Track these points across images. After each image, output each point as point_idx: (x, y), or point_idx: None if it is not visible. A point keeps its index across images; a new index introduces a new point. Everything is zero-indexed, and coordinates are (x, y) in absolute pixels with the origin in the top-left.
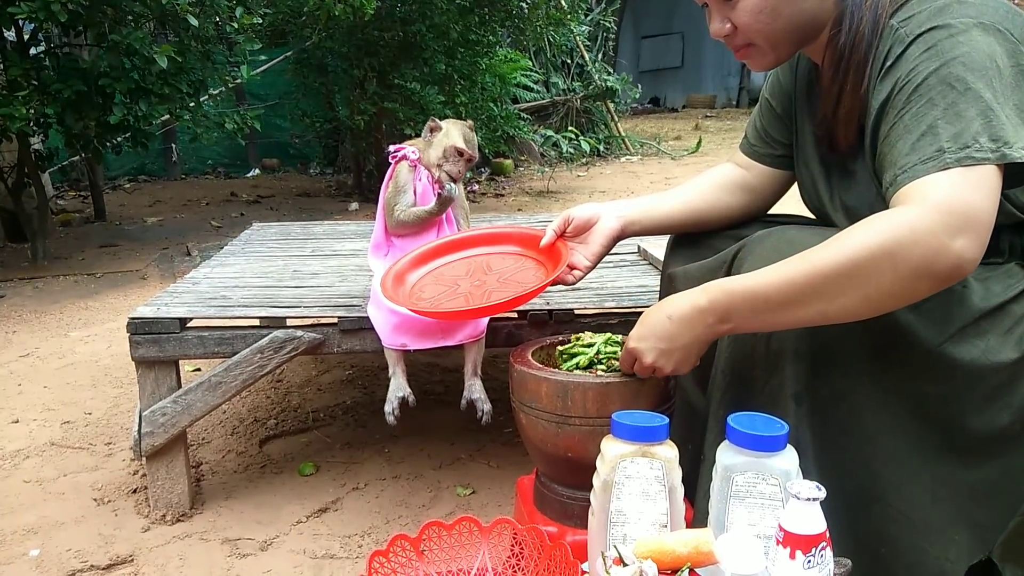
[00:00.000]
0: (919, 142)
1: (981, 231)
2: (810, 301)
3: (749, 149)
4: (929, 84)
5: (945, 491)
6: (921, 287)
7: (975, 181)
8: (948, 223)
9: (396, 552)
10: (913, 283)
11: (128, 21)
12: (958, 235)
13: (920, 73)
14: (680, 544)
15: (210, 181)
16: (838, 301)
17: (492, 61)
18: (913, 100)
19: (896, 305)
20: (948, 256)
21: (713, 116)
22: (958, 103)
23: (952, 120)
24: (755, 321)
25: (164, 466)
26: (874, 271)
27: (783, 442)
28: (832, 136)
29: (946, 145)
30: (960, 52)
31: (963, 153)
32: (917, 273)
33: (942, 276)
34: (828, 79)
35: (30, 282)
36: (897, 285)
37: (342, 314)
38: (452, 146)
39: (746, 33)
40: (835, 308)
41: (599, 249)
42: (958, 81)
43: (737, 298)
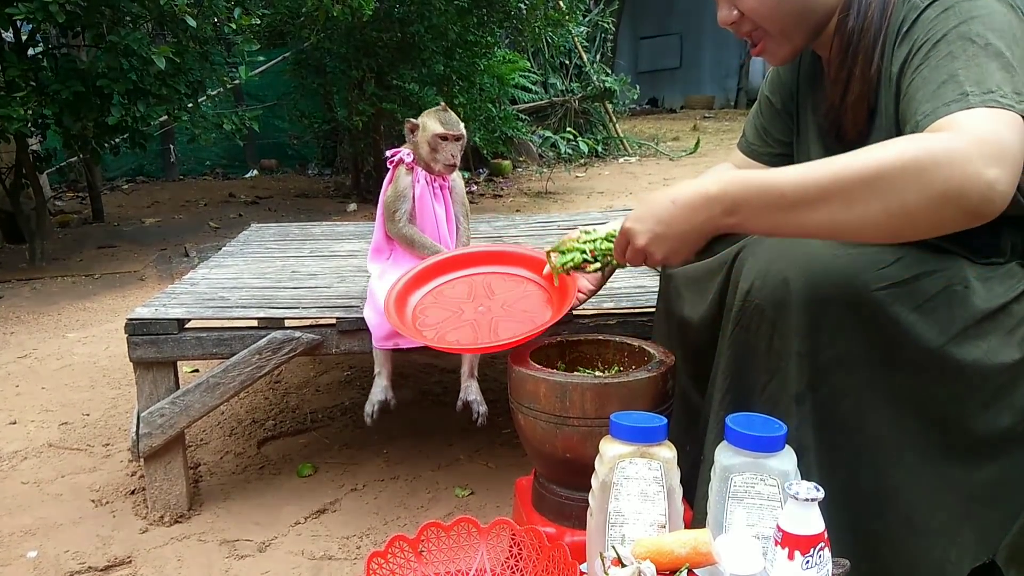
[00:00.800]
0: (940, 89)
1: (1015, 167)
2: (828, 203)
3: (748, 148)
4: (948, 39)
5: (947, 492)
6: (946, 213)
7: (1005, 121)
8: (983, 151)
9: (394, 553)
10: (939, 206)
11: (126, 22)
12: (992, 164)
13: (938, 31)
14: (679, 545)
15: (208, 182)
16: (857, 209)
17: (490, 62)
18: (932, 55)
19: (915, 230)
20: (980, 183)
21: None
22: (979, 56)
23: (974, 70)
24: (764, 219)
25: (162, 467)
26: (901, 183)
27: (781, 442)
28: (839, 125)
29: (969, 89)
30: (979, 13)
31: (988, 97)
32: (946, 195)
33: (971, 205)
34: (836, 65)
35: (28, 283)
36: (922, 204)
37: (340, 315)
38: (433, 135)
39: (753, 18)
40: (852, 217)
41: (601, 278)
42: (978, 36)
43: (752, 188)
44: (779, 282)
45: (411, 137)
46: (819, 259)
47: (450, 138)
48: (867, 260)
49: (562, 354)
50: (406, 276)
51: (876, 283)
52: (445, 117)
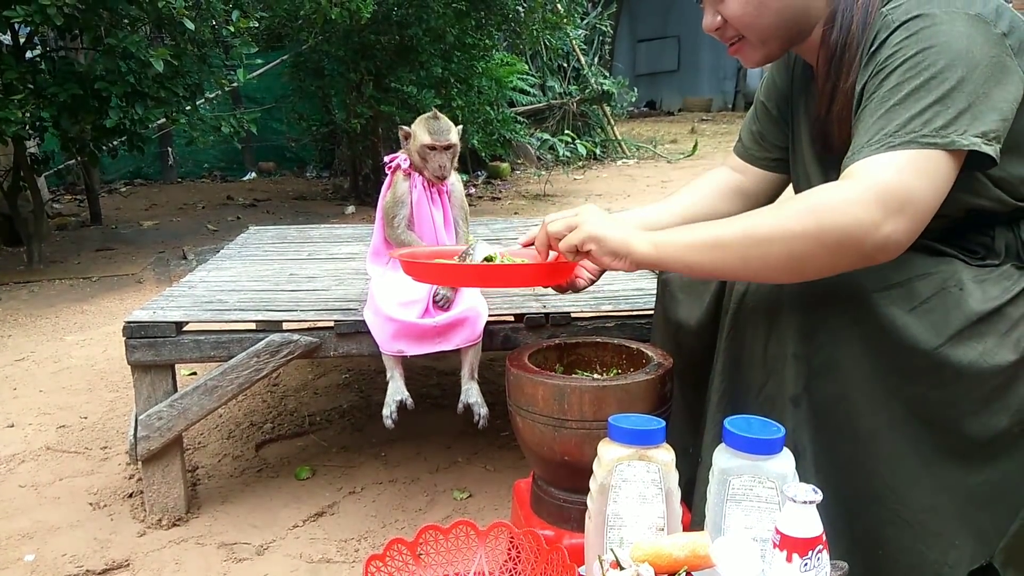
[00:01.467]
0: (873, 124)
1: (915, 215)
2: (735, 255)
3: (744, 152)
4: (901, 69)
5: (944, 494)
6: (844, 261)
7: (917, 165)
8: (880, 203)
9: (393, 556)
10: (836, 253)
11: (124, 25)
12: (889, 217)
13: (896, 59)
14: (677, 547)
15: (206, 184)
16: (761, 254)
17: (488, 65)
18: (882, 85)
19: (820, 271)
20: (875, 236)
21: (709, 119)
22: (919, 89)
23: (909, 106)
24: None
25: (160, 470)
26: (801, 236)
27: (779, 445)
28: (826, 135)
29: (893, 128)
30: (939, 40)
31: (909, 137)
32: (842, 244)
33: (868, 253)
34: (822, 77)
35: (25, 286)
36: (820, 251)
37: (338, 318)
38: (421, 145)
39: (735, 25)
40: (758, 263)
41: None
42: (927, 68)
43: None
44: (774, 285)
45: (405, 144)
46: None
47: (439, 148)
48: None
49: (560, 356)
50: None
51: (872, 285)
52: (435, 126)
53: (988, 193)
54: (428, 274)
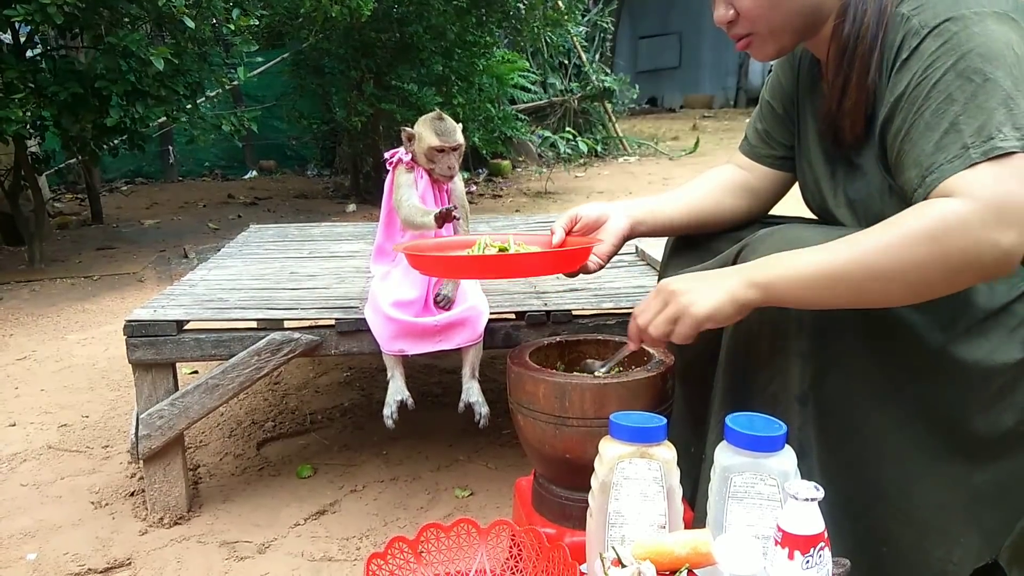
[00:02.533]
0: (943, 140)
1: None
2: (853, 281)
3: (750, 151)
4: (947, 80)
5: (950, 492)
6: (963, 278)
7: (1010, 171)
8: (996, 217)
9: (394, 554)
10: (957, 274)
11: (124, 23)
12: (1007, 229)
13: (938, 69)
14: (678, 545)
15: (207, 183)
16: (880, 284)
17: (489, 62)
18: (932, 96)
19: (937, 293)
20: (995, 251)
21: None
22: (977, 95)
23: (974, 114)
24: (793, 302)
25: (161, 469)
26: (921, 257)
27: (781, 442)
28: (837, 130)
29: (969, 141)
30: (976, 43)
31: (988, 146)
32: (963, 263)
33: (988, 270)
34: (833, 71)
35: (27, 285)
36: (941, 273)
37: (339, 316)
38: (429, 147)
39: (748, 19)
40: (876, 291)
41: (610, 248)
42: (976, 73)
43: (777, 292)
44: None
45: (408, 145)
46: None
47: (447, 149)
48: None
49: (562, 354)
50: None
51: None
52: (441, 127)
53: None
54: (438, 268)
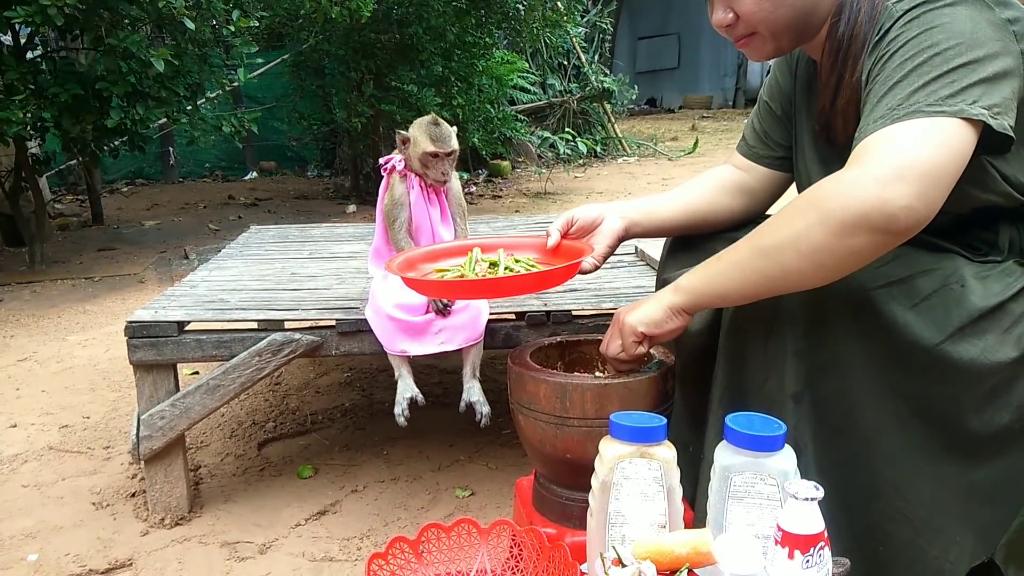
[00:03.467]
0: (879, 102)
1: (922, 180)
2: (756, 271)
3: (748, 151)
4: (904, 50)
5: (945, 491)
6: (858, 242)
7: (920, 133)
8: (879, 172)
9: (395, 555)
10: (848, 237)
11: (125, 25)
12: (891, 183)
13: (899, 41)
14: (679, 545)
15: (208, 184)
16: (778, 264)
17: (489, 63)
18: (886, 67)
19: (846, 266)
20: (882, 206)
21: (710, 117)
22: (923, 65)
23: (913, 80)
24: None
25: (162, 470)
26: (805, 230)
27: (781, 442)
28: (830, 129)
29: (896, 102)
30: (942, 22)
31: (912, 108)
32: (847, 225)
33: (878, 227)
34: (827, 70)
35: (28, 286)
36: (833, 241)
37: (340, 316)
38: (423, 152)
39: (748, 22)
40: (781, 274)
41: (605, 250)
42: (931, 46)
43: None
44: None
45: (403, 149)
46: None
47: (441, 155)
48: None
49: (562, 354)
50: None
51: (873, 282)
52: (436, 132)
53: (997, 188)
54: (429, 289)
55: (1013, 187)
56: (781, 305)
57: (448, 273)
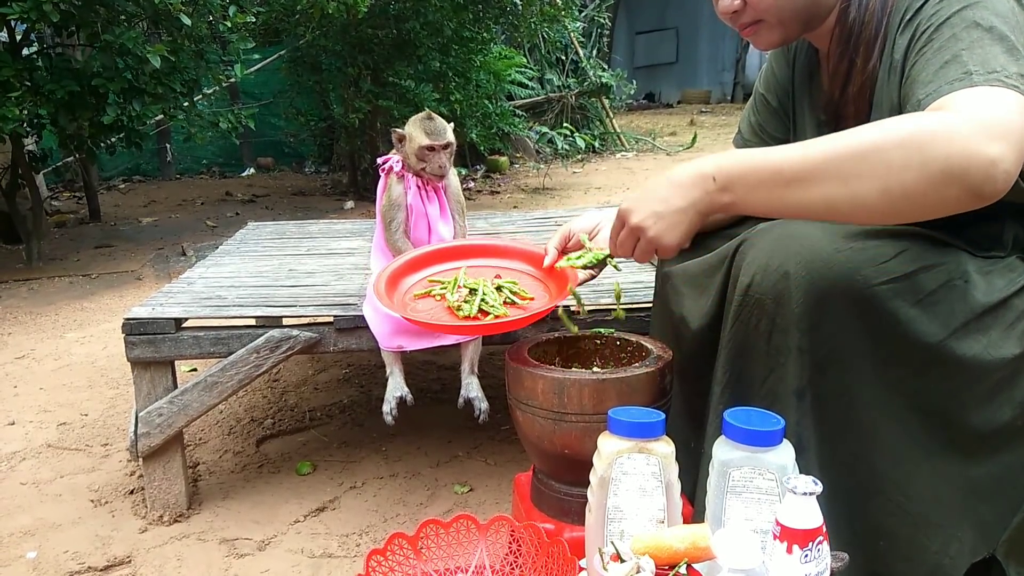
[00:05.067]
0: (943, 69)
1: (1018, 144)
2: (823, 181)
3: (743, 144)
4: (952, 22)
5: (946, 487)
6: (948, 192)
7: (1010, 100)
8: (985, 128)
9: (394, 551)
10: (940, 184)
11: (121, 21)
12: (995, 141)
13: (942, 15)
14: (677, 540)
15: (205, 181)
16: (853, 186)
17: (486, 58)
18: (936, 37)
19: (915, 211)
20: (982, 160)
21: (708, 111)
22: (983, 38)
23: (977, 51)
24: (759, 196)
25: (161, 467)
26: (899, 160)
27: (779, 437)
28: (839, 117)
29: (973, 68)
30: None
31: (992, 76)
32: (947, 173)
33: (973, 183)
34: (836, 57)
35: (25, 283)
36: (922, 182)
37: (338, 313)
38: (419, 147)
39: (756, 8)
40: (848, 195)
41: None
42: (983, 20)
43: (747, 165)
44: (780, 276)
45: (399, 146)
46: (820, 254)
47: (437, 148)
48: (868, 255)
49: (560, 350)
50: (403, 259)
51: (877, 278)
52: (430, 126)
53: None
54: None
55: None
56: (785, 300)
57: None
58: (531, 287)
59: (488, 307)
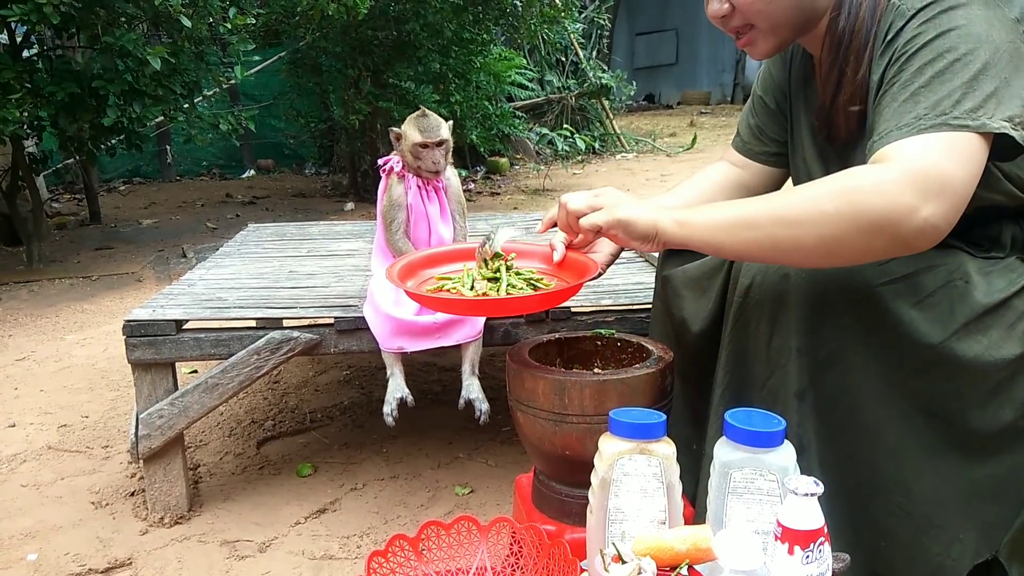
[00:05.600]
0: (899, 108)
1: (953, 199)
2: (764, 235)
3: (743, 147)
4: (921, 55)
5: (948, 488)
6: (878, 244)
7: (950, 147)
8: (917, 185)
9: (395, 552)
10: (871, 237)
11: (121, 23)
12: (928, 200)
13: (915, 44)
14: (678, 541)
15: (205, 182)
16: (791, 235)
17: (486, 59)
18: (905, 68)
19: (854, 255)
20: (914, 219)
21: (708, 112)
22: (944, 72)
23: (936, 88)
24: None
25: (161, 469)
26: (834, 217)
27: (780, 438)
28: (831, 125)
29: (922, 111)
30: (957, 24)
31: (939, 120)
32: (878, 227)
33: (905, 238)
34: (827, 65)
35: (26, 285)
36: (856, 236)
37: (338, 314)
38: (413, 144)
39: (745, 13)
40: (789, 245)
41: (608, 258)
42: (949, 51)
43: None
44: (780, 278)
45: (397, 145)
46: None
47: (430, 145)
48: None
49: (561, 351)
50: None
51: (877, 279)
52: (424, 123)
53: (1000, 187)
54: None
55: (1016, 186)
56: (786, 302)
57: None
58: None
59: (515, 290)
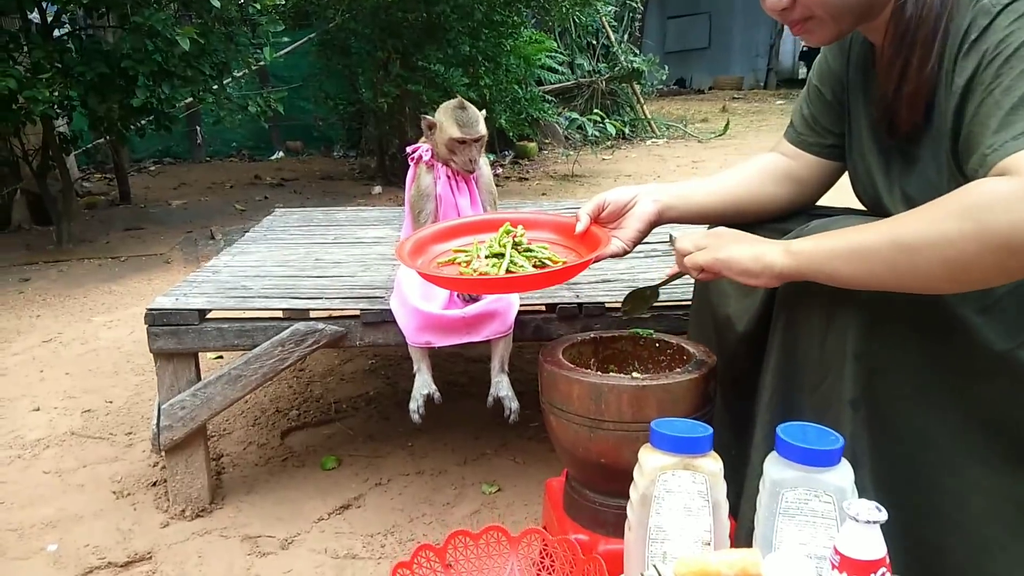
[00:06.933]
0: (1010, 116)
1: None
2: (884, 262)
3: (796, 138)
4: (1021, 54)
5: (1010, 505)
6: (1013, 264)
7: None
8: None
9: (421, 563)
10: (1005, 258)
11: (151, 3)
12: None
13: (1010, 44)
14: (725, 565)
15: (234, 164)
16: (912, 262)
17: (517, 42)
18: (1004, 72)
19: (983, 279)
20: None
21: (740, 98)
22: None
23: None
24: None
25: (183, 460)
26: (958, 238)
27: (838, 456)
28: (893, 118)
29: None
30: None
31: None
32: (1009, 246)
33: None
34: (890, 55)
35: (55, 265)
36: (986, 257)
37: (364, 306)
38: (449, 138)
39: (806, 4)
40: (911, 272)
41: (635, 235)
42: None
43: (811, 264)
44: None
45: (428, 134)
46: None
47: (468, 141)
48: None
49: (596, 351)
50: (431, 228)
51: None
52: (463, 117)
53: None
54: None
55: None
56: (841, 302)
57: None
58: (562, 254)
59: (516, 268)
